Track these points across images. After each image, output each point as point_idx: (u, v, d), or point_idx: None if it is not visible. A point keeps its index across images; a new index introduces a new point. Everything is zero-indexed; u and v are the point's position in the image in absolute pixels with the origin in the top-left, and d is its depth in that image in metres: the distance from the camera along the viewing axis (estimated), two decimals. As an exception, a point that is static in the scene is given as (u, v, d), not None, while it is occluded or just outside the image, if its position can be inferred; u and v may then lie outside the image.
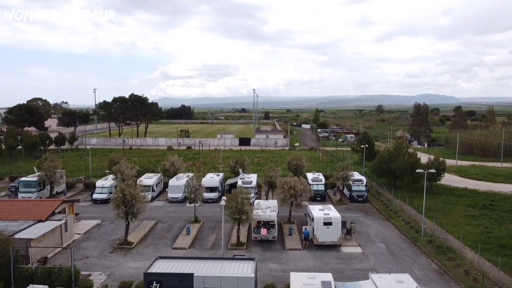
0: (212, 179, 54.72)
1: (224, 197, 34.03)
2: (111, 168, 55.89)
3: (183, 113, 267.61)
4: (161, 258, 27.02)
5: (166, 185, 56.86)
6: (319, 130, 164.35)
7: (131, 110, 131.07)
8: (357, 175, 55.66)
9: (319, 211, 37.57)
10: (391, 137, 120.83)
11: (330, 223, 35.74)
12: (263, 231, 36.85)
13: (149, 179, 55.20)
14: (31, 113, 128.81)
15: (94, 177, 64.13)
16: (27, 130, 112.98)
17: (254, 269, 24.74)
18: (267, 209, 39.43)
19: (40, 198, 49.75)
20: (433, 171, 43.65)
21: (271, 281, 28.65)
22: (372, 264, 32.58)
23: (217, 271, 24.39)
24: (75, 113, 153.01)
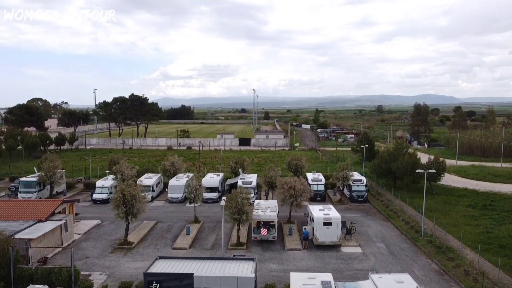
0: (212, 179, 54.73)
1: (224, 197, 34.02)
2: (111, 168, 55.90)
3: (183, 113, 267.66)
4: (161, 258, 27.01)
5: (166, 185, 56.87)
6: (319, 130, 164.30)
7: (131, 110, 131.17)
8: (357, 175, 55.68)
9: (319, 211, 37.57)
10: (391, 137, 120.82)
11: (330, 223, 35.74)
12: (263, 231, 36.84)
13: (149, 179, 55.22)
14: (31, 113, 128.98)
15: (94, 177, 64.12)
16: (27, 130, 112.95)
17: (254, 269, 24.74)
18: (267, 209, 39.43)
19: (40, 198, 49.75)
20: (433, 171, 43.62)
21: (271, 281, 28.64)
22: (372, 264, 32.57)
23: (217, 271, 24.39)
24: (75, 113, 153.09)
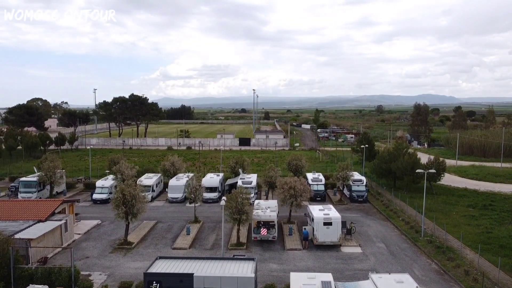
0: (212, 179, 54.73)
1: (224, 197, 34.03)
2: (111, 168, 55.90)
3: (183, 113, 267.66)
4: (161, 258, 27.00)
5: (166, 185, 56.87)
6: (319, 130, 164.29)
7: (131, 110, 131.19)
8: (357, 175, 55.68)
9: (319, 211, 37.56)
10: (391, 137, 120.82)
11: (330, 223, 35.74)
12: (263, 231, 36.84)
13: (149, 179, 55.22)
14: (31, 113, 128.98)
15: (94, 177, 64.12)
16: (27, 130, 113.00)
17: (254, 269, 24.73)
18: (267, 209, 39.42)
19: (40, 198, 49.75)
20: (433, 171, 43.61)
21: (271, 281, 28.64)
22: (372, 264, 32.56)
23: (217, 271, 24.38)
24: (75, 113, 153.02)
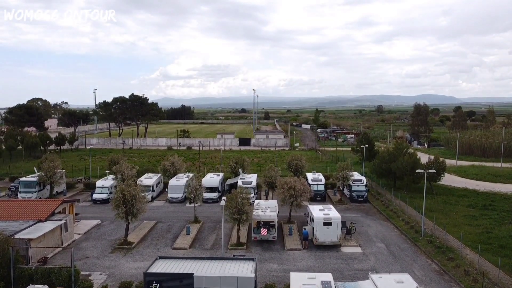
0: (212, 179, 54.73)
1: (224, 197, 34.02)
2: (111, 168, 55.89)
3: (183, 113, 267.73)
4: (161, 258, 27.00)
5: (166, 185, 56.87)
6: (319, 130, 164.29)
7: (131, 110, 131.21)
8: (357, 175, 55.68)
9: (319, 211, 37.56)
10: (391, 137, 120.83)
11: (330, 223, 35.74)
12: (263, 231, 36.84)
13: (149, 179, 55.22)
14: (31, 113, 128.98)
15: (94, 177, 64.14)
16: (27, 130, 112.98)
17: (254, 269, 24.74)
18: (267, 209, 39.42)
19: (40, 198, 49.75)
20: (433, 171, 43.61)
21: (271, 281, 28.65)
22: (372, 264, 32.56)
23: (217, 271, 24.39)
24: (75, 113, 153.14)
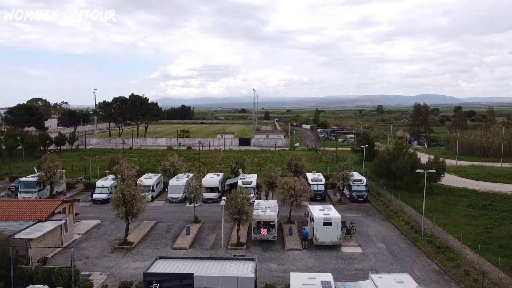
0: (212, 179, 54.73)
1: (224, 197, 34.01)
2: (111, 168, 55.89)
3: (183, 113, 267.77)
4: (161, 258, 27.00)
5: (166, 185, 56.87)
6: (319, 130, 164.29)
7: (131, 110, 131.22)
8: (357, 175, 55.68)
9: (319, 211, 37.56)
10: (391, 137, 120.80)
11: (330, 223, 35.73)
12: (263, 231, 36.84)
13: (149, 179, 55.22)
14: (31, 113, 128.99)
15: (94, 177, 64.14)
16: (27, 130, 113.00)
17: (254, 269, 24.74)
18: (267, 209, 39.41)
19: (40, 198, 49.75)
20: (433, 171, 43.60)
21: (271, 281, 28.65)
22: (372, 264, 32.56)
23: (217, 271, 24.39)
24: (75, 113, 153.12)
